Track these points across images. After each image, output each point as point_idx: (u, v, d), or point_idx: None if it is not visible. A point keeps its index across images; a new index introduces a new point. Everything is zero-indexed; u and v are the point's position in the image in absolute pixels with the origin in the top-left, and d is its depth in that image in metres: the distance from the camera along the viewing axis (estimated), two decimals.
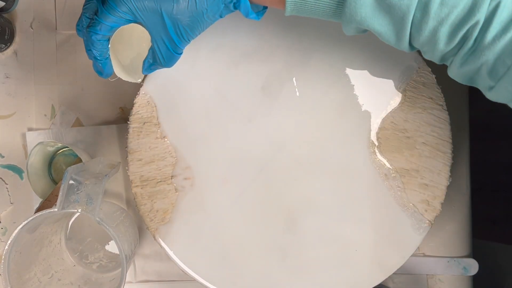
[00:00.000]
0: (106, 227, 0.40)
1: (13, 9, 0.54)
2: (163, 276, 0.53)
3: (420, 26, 0.31)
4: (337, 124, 0.46)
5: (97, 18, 0.36)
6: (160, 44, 0.37)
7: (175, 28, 0.36)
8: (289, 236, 0.46)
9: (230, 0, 0.35)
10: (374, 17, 0.32)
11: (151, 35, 0.37)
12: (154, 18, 0.35)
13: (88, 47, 0.37)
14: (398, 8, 0.30)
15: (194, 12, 0.35)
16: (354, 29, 0.34)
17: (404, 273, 0.53)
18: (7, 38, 0.53)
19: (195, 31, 0.37)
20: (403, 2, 0.30)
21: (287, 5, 0.34)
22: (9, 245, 0.39)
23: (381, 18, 0.32)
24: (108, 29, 0.36)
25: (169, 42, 0.37)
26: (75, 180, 0.40)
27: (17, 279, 0.40)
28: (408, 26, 0.31)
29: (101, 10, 0.36)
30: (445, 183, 0.46)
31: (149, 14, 0.35)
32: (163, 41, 0.37)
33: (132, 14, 0.35)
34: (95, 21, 0.36)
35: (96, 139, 0.53)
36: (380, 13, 0.31)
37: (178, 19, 0.35)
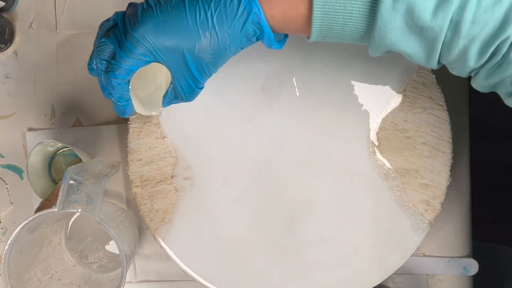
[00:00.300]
0: (106, 227, 0.40)
1: (13, 9, 0.54)
2: (163, 276, 0.53)
3: (451, 45, 0.30)
4: (337, 124, 0.46)
5: (116, 63, 0.34)
6: (182, 81, 0.36)
7: (198, 66, 0.34)
8: (289, 236, 0.46)
9: (253, 34, 0.34)
10: (404, 40, 0.31)
11: (172, 73, 0.35)
12: (175, 58, 0.34)
13: (108, 91, 0.36)
14: (431, 30, 0.29)
15: (216, 49, 0.34)
16: (381, 52, 0.34)
17: (404, 273, 0.53)
18: (7, 38, 0.53)
19: (217, 66, 0.35)
20: (436, 24, 0.29)
21: (313, 33, 0.33)
22: (9, 245, 0.39)
23: (411, 40, 0.31)
24: (128, 72, 0.35)
25: (191, 79, 0.35)
26: (75, 180, 0.40)
27: (17, 279, 0.40)
28: (439, 46, 0.30)
29: (119, 54, 0.34)
30: (445, 183, 0.46)
31: (170, 54, 0.34)
32: (185, 78, 0.35)
33: (151, 55, 0.34)
34: (114, 65, 0.34)
35: (96, 139, 0.53)
36: (410, 36, 0.31)
37: (200, 57, 0.34)
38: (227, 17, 0.32)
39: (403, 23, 0.30)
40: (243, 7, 0.32)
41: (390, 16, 0.30)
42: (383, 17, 0.30)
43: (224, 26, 0.33)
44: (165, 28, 0.33)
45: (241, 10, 0.32)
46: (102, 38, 0.35)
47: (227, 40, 0.33)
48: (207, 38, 0.33)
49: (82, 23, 0.54)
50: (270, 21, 0.33)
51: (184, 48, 0.33)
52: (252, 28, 0.33)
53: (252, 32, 0.33)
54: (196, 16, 0.32)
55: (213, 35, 0.33)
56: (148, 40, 0.33)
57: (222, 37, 0.33)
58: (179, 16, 0.33)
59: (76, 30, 0.54)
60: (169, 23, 0.33)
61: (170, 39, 0.33)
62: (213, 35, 0.33)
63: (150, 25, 0.33)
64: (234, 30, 0.33)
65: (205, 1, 0.32)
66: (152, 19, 0.33)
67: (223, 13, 0.32)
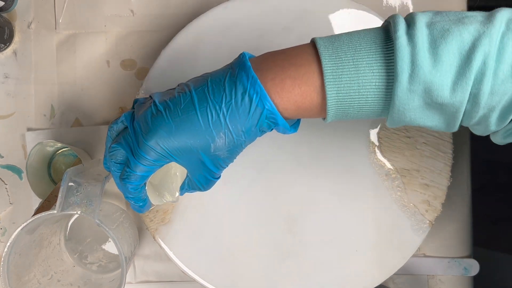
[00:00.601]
0: (105, 229, 0.39)
1: (12, 8, 0.54)
2: (163, 277, 0.53)
3: (471, 115, 0.30)
4: (337, 124, 0.46)
5: (130, 171, 0.33)
6: (199, 177, 0.35)
7: (214, 162, 0.33)
8: (289, 236, 0.46)
9: (267, 127, 0.33)
10: (424, 117, 0.31)
11: (188, 170, 0.35)
12: (191, 158, 0.33)
13: (126, 195, 0.35)
14: (451, 105, 0.29)
15: (232, 146, 0.33)
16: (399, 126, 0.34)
17: (405, 273, 0.52)
18: (7, 38, 0.53)
19: (234, 158, 0.35)
20: (456, 99, 0.29)
21: (328, 118, 0.33)
22: (8, 247, 0.39)
23: (431, 115, 0.31)
24: (144, 178, 0.34)
25: (208, 173, 0.34)
26: (74, 181, 0.40)
27: (16, 281, 0.40)
28: (460, 118, 0.31)
29: (133, 162, 0.33)
30: (446, 183, 0.45)
31: (185, 155, 0.33)
32: (202, 173, 0.34)
33: (166, 159, 0.33)
34: (129, 173, 0.33)
35: (96, 139, 0.53)
36: (429, 112, 0.31)
37: (216, 155, 0.33)
38: (240, 116, 0.31)
39: (421, 102, 0.30)
40: (255, 105, 0.31)
41: (408, 97, 0.30)
42: (401, 99, 0.30)
43: (237, 125, 0.32)
44: (178, 133, 0.32)
45: (253, 107, 0.31)
46: (113, 143, 0.34)
47: (241, 137, 0.32)
48: (222, 138, 0.32)
49: (81, 22, 0.54)
50: (283, 113, 0.33)
51: (199, 149, 0.32)
52: (267, 122, 0.32)
53: (266, 126, 0.33)
54: (209, 118, 0.31)
55: (227, 134, 0.32)
56: (161, 147, 0.32)
57: (236, 135, 0.32)
58: (191, 120, 0.32)
59: (76, 29, 0.54)
60: (182, 127, 0.32)
61: (184, 143, 0.32)
62: (227, 134, 0.32)
63: (163, 132, 0.32)
64: (248, 127, 0.32)
65: (215, 102, 0.31)
66: (163, 125, 0.32)
67: (236, 113, 0.31)
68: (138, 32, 0.54)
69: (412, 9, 0.54)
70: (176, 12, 0.54)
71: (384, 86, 0.30)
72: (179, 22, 0.54)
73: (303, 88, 0.31)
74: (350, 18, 0.46)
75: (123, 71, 0.54)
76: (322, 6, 0.46)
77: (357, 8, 0.46)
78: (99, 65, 0.54)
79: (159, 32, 0.54)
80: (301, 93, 0.31)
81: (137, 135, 0.33)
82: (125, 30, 0.54)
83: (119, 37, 0.54)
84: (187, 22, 0.47)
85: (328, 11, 0.46)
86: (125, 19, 0.54)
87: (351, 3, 0.46)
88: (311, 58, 0.32)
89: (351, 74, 0.30)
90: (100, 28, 0.54)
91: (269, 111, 0.31)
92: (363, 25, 0.46)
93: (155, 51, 0.54)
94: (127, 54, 0.54)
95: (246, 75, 0.31)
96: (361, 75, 0.30)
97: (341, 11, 0.46)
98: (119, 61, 0.54)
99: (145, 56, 0.54)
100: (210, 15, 0.47)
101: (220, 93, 0.31)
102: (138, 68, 0.54)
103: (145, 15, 0.54)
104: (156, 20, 0.54)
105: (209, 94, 0.32)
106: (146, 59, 0.54)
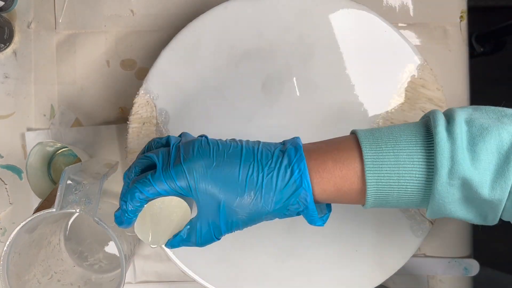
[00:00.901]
0: (104, 226, 0.39)
1: (12, 8, 0.54)
2: (163, 277, 0.53)
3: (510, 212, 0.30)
4: (337, 124, 0.46)
5: (151, 180, 0.32)
6: (204, 226, 0.34)
7: (228, 219, 0.33)
8: (289, 236, 0.46)
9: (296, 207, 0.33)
10: (463, 210, 0.31)
11: (198, 214, 0.34)
12: (211, 203, 0.33)
13: (125, 198, 0.34)
14: (490, 202, 0.30)
15: (255, 210, 0.33)
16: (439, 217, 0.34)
17: (405, 273, 0.52)
18: (6, 38, 0.53)
19: (246, 226, 0.34)
20: (495, 198, 0.29)
21: (367, 205, 0.33)
22: (7, 246, 0.39)
23: (470, 209, 0.31)
24: (156, 194, 0.33)
25: (214, 228, 0.34)
26: (73, 180, 0.40)
27: (16, 280, 0.40)
28: (499, 214, 0.31)
29: (158, 176, 0.32)
30: None
31: (207, 197, 0.32)
32: (209, 225, 0.34)
33: (189, 191, 0.32)
34: (146, 181, 0.32)
35: (96, 139, 0.53)
36: (469, 206, 0.31)
37: (235, 212, 0.33)
38: (276, 185, 0.32)
39: (461, 195, 0.30)
40: (294, 180, 0.32)
41: (447, 191, 0.30)
42: (440, 192, 0.30)
43: (270, 191, 0.32)
44: (215, 173, 0.32)
45: (291, 182, 0.32)
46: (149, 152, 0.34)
47: (268, 206, 0.33)
48: (251, 197, 0.32)
49: (81, 22, 0.54)
50: (321, 195, 0.33)
51: (224, 198, 0.32)
52: (297, 201, 0.32)
53: (295, 205, 0.33)
54: (248, 173, 0.32)
55: (257, 196, 0.32)
56: (193, 177, 0.32)
57: (265, 201, 0.32)
58: (232, 167, 0.32)
59: (76, 29, 0.54)
60: (220, 169, 0.32)
61: (215, 185, 0.32)
62: (257, 196, 0.32)
63: (202, 163, 0.32)
64: (280, 198, 0.32)
65: (260, 163, 0.32)
66: (206, 159, 0.32)
67: (273, 180, 0.32)
68: (138, 32, 0.54)
69: (412, 9, 0.53)
70: (176, 12, 0.54)
71: (424, 178, 0.31)
72: (179, 22, 0.54)
73: (344, 171, 0.32)
74: (350, 18, 0.46)
75: (123, 71, 0.54)
76: (322, 6, 0.46)
77: (357, 8, 0.46)
78: (99, 65, 0.54)
79: (159, 32, 0.54)
80: (341, 176, 0.32)
81: (176, 156, 0.33)
82: (125, 30, 0.54)
83: (119, 37, 0.54)
84: (187, 22, 0.47)
85: (328, 11, 0.46)
86: (125, 19, 0.54)
87: (351, 3, 0.46)
88: (352, 145, 0.33)
89: (391, 163, 0.31)
90: (100, 28, 0.54)
91: (304, 191, 0.32)
92: (363, 25, 0.46)
93: (155, 51, 0.54)
94: (127, 54, 0.54)
95: (295, 151, 0.32)
96: (401, 166, 0.31)
97: (341, 11, 0.46)
98: (119, 61, 0.54)
99: (145, 56, 0.54)
100: (210, 15, 0.47)
101: (268, 158, 0.33)
102: (138, 68, 0.54)
103: (145, 15, 0.54)
104: (156, 20, 0.54)
105: (257, 154, 0.33)
106: (146, 59, 0.54)
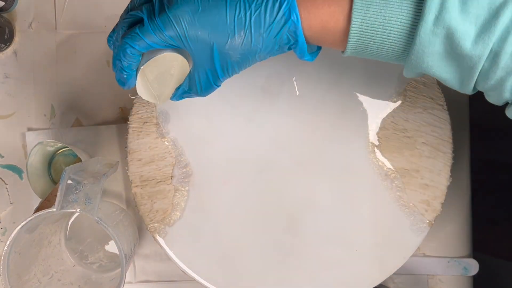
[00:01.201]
0: (105, 226, 0.40)
1: (13, 8, 0.54)
2: (163, 276, 0.53)
3: (487, 75, 0.30)
4: (337, 123, 0.46)
5: (139, 33, 0.32)
6: (201, 74, 0.35)
7: (223, 63, 0.33)
8: (289, 236, 0.46)
9: (286, 42, 0.33)
10: (441, 66, 0.31)
11: (194, 64, 0.34)
12: (203, 49, 0.33)
13: (118, 56, 0.34)
14: (469, 58, 0.29)
15: (247, 50, 0.33)
16: (415, 74, 0.33)
17: (405, 273, 0.53)
18: (7, 38, 0.53)
19: (241, 68, 0.35)
20: (475, 53, 0.29)
21: (348, 48, 0.33)
22: (8, 246, 0.39)
23: (448, 66, 0.31)
24: (147, 47, 0.33)
25: (211, 74, 0.34)
26: (73, 180, 0.40)
27: (17, 280, 0.40)
28: (476, 75, 0.30)
29: (146, 27, 0.32)
30: (446, 183, 0.45)
31: (199, 44, 0.33)
32: (206, 72, 0.34)
33: (179, 40, 0.32)
34: (135, 35, 0.32)
35: (96, 139, 0.53)
36: (447, 62, 0.30)
37: (228, 54, 0.33)
38: (265, 21, 0.32)
39: (441, 49, 0.30)
40: (282, 13, 0.31)
41: (429, 40, 0.29)
42: (422, 41, 0.30)
43: (260, 28, 0.32)
44: (202, 17, 0.32)
45: (280, 16, 0.32)
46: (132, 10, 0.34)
47: (259, 44, 0.33)
48: (241, 37, 0.32)
49: (82, 22, 0.54)
50: (307, 31, 0.33)
51: (215, 41, 0.32)
52: (287, 36, 0.32)
53: (285, 40, 0.33)
54: (236, 13, 0.32)
55: (247, 35, 0.32)
56: (181, 24, 0.32)
57: (255, 39, 0.32)
58: (218, 9, 0.32)
59: (76, 29, 0.54)
60: (207, 13, 0.32)
61: (204, 29, 0.32)
62: (247, 35, 0.32)
63: (188, 10, 0.32)
64: (269, 34, 0.32)
65: (247, 0, 0.32)
66: (190, 4, 0.32)
67: (262, 16, 0.32)
68: None
69: None
70: None
71: (409, 24, 0.30)
72: None
73: (332, 8, 0.32)
74: None
75: None
76: None
77: None
78: (99, 65, 0.54)
79: None
80: (329, 13, 0.32)
81: (161, 5, 0.32)
82: None
83: None
84: None
85: None
86: None
87: None
88: None
89: (380, 5, 0.30)
90: (100, 28, 0.54)
91: (293, 24, 0.32)
92: None
93: None
94: None
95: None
96: (389, 9, 0.30)
97: None
98: None
99: None
100: None
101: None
102: None
103: None
104: None
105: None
106: None
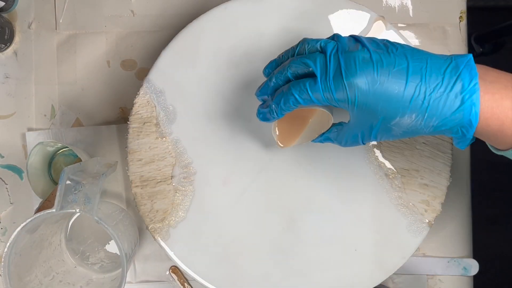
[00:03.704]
0: (105, 226, 0.40)
1: (13, 9, 0.54)
2: (163, 276, 0.53)
3: None
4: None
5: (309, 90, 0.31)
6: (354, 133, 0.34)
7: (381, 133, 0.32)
8: (289, 236, 0.46)
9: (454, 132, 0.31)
10: None
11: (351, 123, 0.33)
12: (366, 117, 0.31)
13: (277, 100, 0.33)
14: None
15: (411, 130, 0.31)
16: None
17: (404, 273, 0.53)
18: (7, 38, 0.53)
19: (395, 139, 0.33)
20: None
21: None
22: (8, 247, 0.39)
23: None
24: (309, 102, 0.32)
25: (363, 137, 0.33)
26: (72, 180, 0.40)
27: (17, 281, 0.40)
28: None
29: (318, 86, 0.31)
30: (445, 183, 0.45)
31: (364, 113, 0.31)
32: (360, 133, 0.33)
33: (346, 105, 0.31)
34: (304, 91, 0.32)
35: (96, 139, 0.53)
36: None
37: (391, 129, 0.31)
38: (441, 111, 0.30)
39: None
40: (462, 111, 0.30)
41: None
42: None
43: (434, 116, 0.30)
44: (377, 92, 0.30)
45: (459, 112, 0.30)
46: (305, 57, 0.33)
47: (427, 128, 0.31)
48: (411, 119, 0.30)
49: (82, 23, 0.54)
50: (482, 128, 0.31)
51: (383, 115, 0.31)
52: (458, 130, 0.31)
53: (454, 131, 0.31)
54: (414, 94, 0.30)
55: (418, 118, 0.30)
56: (354, 94, 0.30)
57: (426, 123, 0.31)
58: (397, 86, 0.30)
59: (76, 30, 0.54)
60: (384, 89, 0.30)
61: (376, 103, 0.30)
62: (418, 118, 0.30)
63: (364, 81, 0.30)
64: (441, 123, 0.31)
65: (428, 85, 0.30)
66: (369, 76, 0.30)
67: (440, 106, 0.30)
68: (138, 33, 0.54)
69: (411, 9, 0.53)
70: (176, 12, 0.54)
71: None
72: (179, 22, 0.54)
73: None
74: (350, 18, 0.46)
75: (124, 71, 0.54)
76: (322, 6, 0.46)
77: (357, 8, 0.46)
78: (100, 65, 0.54)
79: (159, 32, 0.54)
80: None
81: (336, 68, 0.31)
82: (125, 30, 0.54)
83: (120, 38, 0.54)
84: (187, 22, 0.47)
85: (328, 11, 0.46)
86: (125, 20, 0.54)
87: (351, 3, 0.46)
88: None
89: None
90: (101, 28, 0.54)
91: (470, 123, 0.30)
92: (363, 25, 0.46)
93: (155, 51, 0.54)
94: (128, 54, 0.54)
95: (469, 79, 0.30)
96: None
97: (340, 11, 0.46)
98: (120, 61, 0.54)
99: (145, 56, 0.54)
100: (210, 15, 0.47)
101: (437, 80, 0.30)
102: (138, 68, 0.54)
103: (146, 15, 0.54)
104: (156, 21, 0.54)
105: (425, 75, 0.30)
106: (146, 60, 0.54)
